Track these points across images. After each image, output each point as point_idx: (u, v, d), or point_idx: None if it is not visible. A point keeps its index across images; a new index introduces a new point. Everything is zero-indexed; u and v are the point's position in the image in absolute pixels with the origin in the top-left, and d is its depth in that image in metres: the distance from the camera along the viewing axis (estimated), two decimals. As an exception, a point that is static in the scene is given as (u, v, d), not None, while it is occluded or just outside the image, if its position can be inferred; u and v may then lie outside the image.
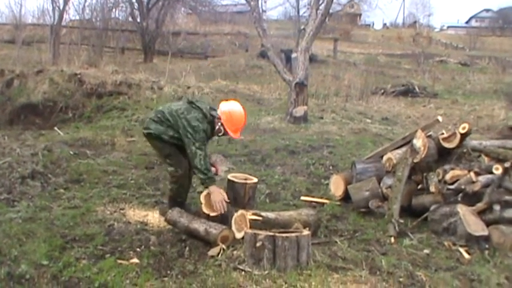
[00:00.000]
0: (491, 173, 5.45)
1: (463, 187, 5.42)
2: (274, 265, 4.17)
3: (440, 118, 6.61)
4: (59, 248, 4.69)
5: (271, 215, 4.95)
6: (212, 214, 5.08)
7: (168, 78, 15.31)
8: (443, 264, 4.66)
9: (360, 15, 54.27)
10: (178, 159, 5.43)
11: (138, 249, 4.76)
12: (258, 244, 4.17)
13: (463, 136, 5.92)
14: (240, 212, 4.82)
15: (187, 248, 4.77)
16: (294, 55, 12.50)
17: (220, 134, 5.44)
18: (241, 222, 4.75)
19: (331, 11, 18.73)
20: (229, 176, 5.47)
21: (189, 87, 14.19)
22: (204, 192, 5.22)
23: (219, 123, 5.33)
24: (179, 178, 5.45)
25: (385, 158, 6.36)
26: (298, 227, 4.73)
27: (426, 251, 4.96)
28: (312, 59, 18.65)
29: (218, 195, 5.08)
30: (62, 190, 6.61)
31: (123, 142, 9.60)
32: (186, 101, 5.48)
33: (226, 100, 5.62)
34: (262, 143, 9.17)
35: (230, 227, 4.86)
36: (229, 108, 5.37)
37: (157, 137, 5.40)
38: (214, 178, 5.23)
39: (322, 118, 12.07)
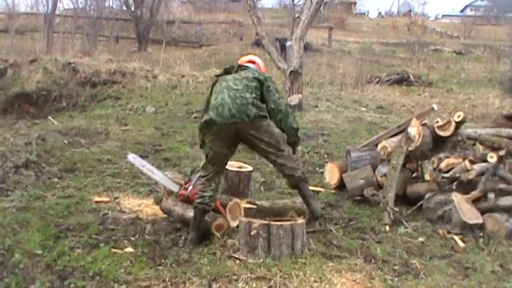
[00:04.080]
0: (486, 161, 5.45)
1: (457, 175, 5.42)
2: (268, 253, 4.16)
3: (435, 106, 6.62)
4: (53, 237, 4.67)
5: (265, 203, 4.95)
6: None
7: (162, 67, 15.27)
8: (437, 252, 4.68)
9: (355, 3, 54.24)
10: None
11: (132, 238, 4.75)
12: (252, 232, 4.16)
13: (458, 124, 5.91)
14: (235, 200, 4.81)
15: (182, 237, 4.76)
16: (288, 43, 12.41)
17: None
18: (236, 210, 4.74)
19: (326, -1, 18.67)
20: (224, 165, 5.43)
21: (183, 76, 14.13)
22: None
23: None
24: None
25: (380, 146, 6.35)
26: (293, 215, 4.73)
27: (421, 239, 4.97)
28: (307, 48, 18.60)
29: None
30: (56, 179, 6.58)
31: (117, 131, 9.55)
32: (238, 68, 5.06)
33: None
34: (257, 132, 9.11)
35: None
36: (259, 61, 5.19)
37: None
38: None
39: (317, 106, 12.03)
